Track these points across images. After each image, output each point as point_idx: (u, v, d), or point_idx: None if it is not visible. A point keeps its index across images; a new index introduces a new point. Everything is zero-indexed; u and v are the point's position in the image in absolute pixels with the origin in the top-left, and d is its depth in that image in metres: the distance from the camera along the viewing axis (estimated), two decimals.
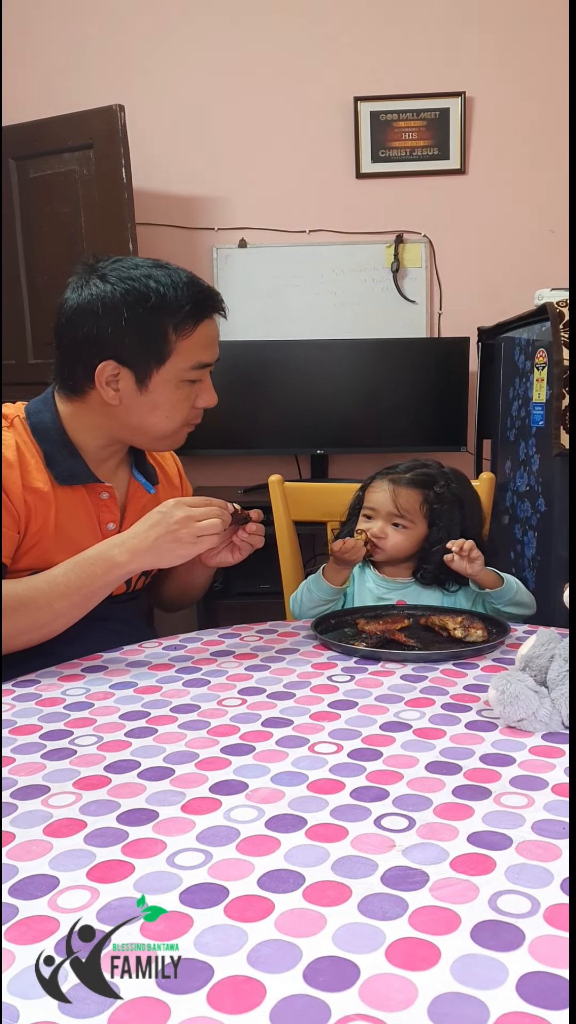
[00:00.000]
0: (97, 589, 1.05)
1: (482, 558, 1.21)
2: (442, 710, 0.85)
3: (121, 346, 1.07)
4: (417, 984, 0.44)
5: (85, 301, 1.08)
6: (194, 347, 1.10)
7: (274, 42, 2.88)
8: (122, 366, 1.08)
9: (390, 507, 1.29)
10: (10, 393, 1.22)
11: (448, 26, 2.84)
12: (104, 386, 1.09)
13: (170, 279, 1.08)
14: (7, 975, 0.46)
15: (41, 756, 0.75)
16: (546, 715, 0.78)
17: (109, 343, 1.07)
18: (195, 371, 1.12)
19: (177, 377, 1.10)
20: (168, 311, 1.07)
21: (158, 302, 1.06)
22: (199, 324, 1.09)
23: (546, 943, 0.48)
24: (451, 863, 0.56)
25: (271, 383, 2.86)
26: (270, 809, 0.64)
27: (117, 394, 1.10)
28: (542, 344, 2.09)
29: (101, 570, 1.04)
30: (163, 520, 1.04)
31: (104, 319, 1.07)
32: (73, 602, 1.04)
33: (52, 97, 2.81)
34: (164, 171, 2.91)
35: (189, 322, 1.08)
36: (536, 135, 2.88)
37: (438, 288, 2.97)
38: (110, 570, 1.04)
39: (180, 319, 1.08)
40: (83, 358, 1.09)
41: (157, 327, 1.07)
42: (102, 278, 1.08)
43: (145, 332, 1.07)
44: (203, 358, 1.12)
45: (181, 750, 0.76)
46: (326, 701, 0.88)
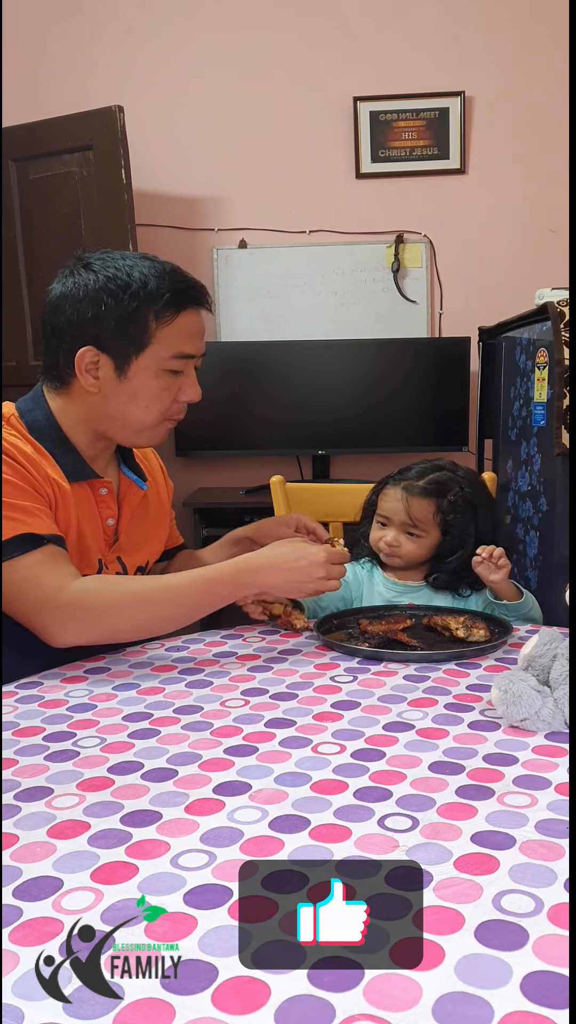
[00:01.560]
0: (214, 606, 1.08)
1: (508, 567, 1.20)
2: (445, 710, 0.85)
3: (101, 332, 1.08)
4: (421, 984, 0.44)
5: (68, 289, 1.09)
6: (175, 336, 1.10)
7: (273, 43, 2.88)
8: (102, 352, 1.09)
9: (403, 517, 1.29)
10: (13, 394, 1.22)
11: (447, 26, 2.84)
12: (84, 373, 1.09)
13: (153, 269, 1.09)
14: (12, 977, 0.46)
15: (44, 758, 0.75)
16: (549, 715, 0.78)
17: (89, 329, 1.08)
18: (177, 361, 1.11)
19: (157, 366, 1.10)
20: (149, 298, 1.07)
21: (138, 289, 1.07)
22: (180, 313, 1.10)
23: (550, 942, 0.48)
24: (455, 863, 0.56)
25: (272, 384, 2.86)
26: (273, 810, 0.64)
27: (97, 382, 1.10)
28: (543, 344, 2.08)
29: (227, 592, 1.07)
30: (305, 568, 1.07)
31: (85, 305, 1.08)
32: (188, 614, 1.06)
33: (52, 98, 2.81)
34: (164, 172, 2.91)
35: (170, 310, 1.09)
36: (536, 134, 2.88)
37: (438, 288, 2.97)
38: (234, 593, 1.08)
39: (161, 306, 1.08)
40: (64, 345, 1.10)
41: (137, 314, 1.07)
42: (87, 267, 1.10)
43: (125, 318, 1.07)
44: (185, 349, 1.11)
45: (184, 751, 0.76)
46: (329, 702, 0.88)
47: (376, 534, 1.32)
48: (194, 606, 1.06)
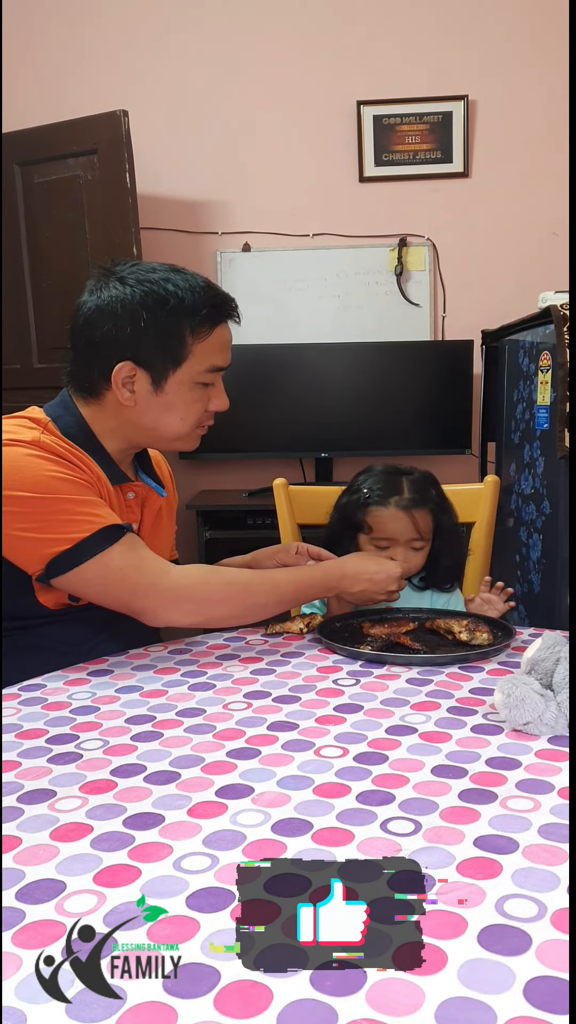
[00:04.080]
0: (299, 604, 1.20)
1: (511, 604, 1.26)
2: (448, 713, 0.85)
3: (139, 347, 1.09)
4: (424, 989, 0.44)
5: (104, 303, 1.09)
6: (209, 350, 1.12)
7: (277, 47, 2.89)
8: (139, 367, 1.10)
9: (411, 533, 1.28)
10: (16, 397, 1.22)
11: (450, 29, 2.85)
12: (120, 387, 1.10)
13: (187, 283, 1.10)
14: (14, 980, 0.46)
15: (47, 760, 0.75)
16: (552, 718, 0.78)
17: (127, 344, 1.09)
18: (209, 374, 1.13)
19: (192, 380, 1.12)
20: (186, 314, 1.09)
21: (176, 305, 1.08)
22: (215, 328, 1.12)
23: (553, 947, 0.47)
24: (457, 867, 0.56)
25: (275, 386, 2.86)
26: (276, 813, 0.64)
27: (133, 396, 1.11)
28: (546, 347, 2.08)
29: (314, 592, 1.18)
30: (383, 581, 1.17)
31: (123, 320, 1.08)
32: (280, 609, 1.13)
33: (56, 103, 2.82)
34: (168, 176, 2.92)
35: (206, 325, 1.10)
36: (539, 138, 2.88)
37: (442, 291, 2.97)
38: (319, 594, 1.20)
39: (197, 322, 1.10)
40: (100, 359, 1.10)
41: (175, 329, 1.09)
42: (120, 281, 1.10)
43: (163, 334, 1.09)
44: (217, 362, 1.14)
45: (187, 754, 0.76)
46: (332, 705, 0.88)
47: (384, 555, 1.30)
48: (287, 601, 1.13)
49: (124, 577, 1.04)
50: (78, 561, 1.02)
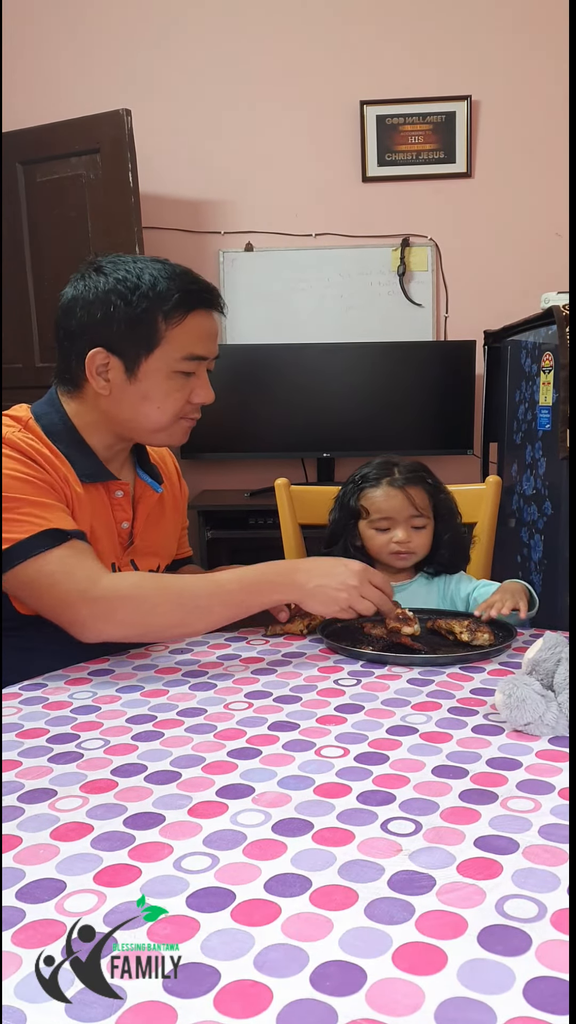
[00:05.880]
0: (254, 608, 1.07)
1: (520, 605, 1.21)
2: (448, 714, 0.85)
3: (110, 334, 1.08)
4: (424, 989, 0.44)
5: (79, 292, 1.10)
6: (185, 337, 1.10)
7: (281, 47, 2.89)
8: (112, 354, 1.09)
9: (409, 509, 1.29)
10: (19, 396, 1.22)
11: (454, 30, 2.85)
12: (95, 375, 1.10)
13: (164, 271, 1.10)
14: (14, 979, 0.46)
15: (48, 760, 0.75)
16: (553, 719, 0.77)
17: (99, 331, 1.09)
18: (188, 363, 1.11)
19: (168, 367, 1.10)
20: (158, 299, 1.08)
21: (148, 290, 1.08)
22: (189, 314, 1.10)
23: (553, 948, 0.47)
24: (458, 867, 0.56)
25: (277, 386, 2.87)
26: (277, 813, 0.64)
27: (107, 384, 1.11)
28: (548, 347, 2.08)
29: (267, 590, 1.06)
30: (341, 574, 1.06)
31: (94, 307, 1.08)
32: (229, 614, 1.05)
33: (59, 102, 2.82)
34: (171, 175, 2.92)
35: (179, 311, 1.09)
36: (542, 138, 2.88)
37: (444, 291, 2.97)
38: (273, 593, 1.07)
39: (170, 307, 1.08)
40: (76, 348, 1.11)
41: (146, 315, 1.08)
42: (98, 271, 1.10)
43: (134, 319, 1.08)
44: (195, 350, 1.11)
45: (188, 754, 0.76)
46: (332, 705, 0.88)
47: (382, 538, 1.31)
48: (234, 604, 1.05)
49: (54, 583, 1.00)
50: (12, 562, 1.00)
